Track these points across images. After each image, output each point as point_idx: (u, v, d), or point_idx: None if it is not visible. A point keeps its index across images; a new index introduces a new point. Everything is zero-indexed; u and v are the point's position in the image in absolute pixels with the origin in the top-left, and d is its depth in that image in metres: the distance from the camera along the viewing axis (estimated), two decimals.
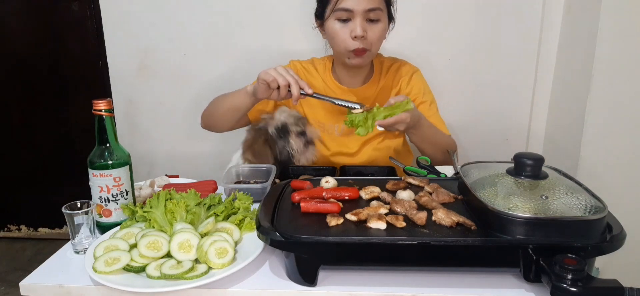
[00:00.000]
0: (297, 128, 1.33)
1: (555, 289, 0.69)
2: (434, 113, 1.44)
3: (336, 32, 1.30)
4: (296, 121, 1.34)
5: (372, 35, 1.28)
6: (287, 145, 1.32)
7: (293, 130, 1.32)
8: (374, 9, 1.26)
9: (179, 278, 0.78)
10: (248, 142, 1.37)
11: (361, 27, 1.26)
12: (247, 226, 0.95)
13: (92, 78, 2.33)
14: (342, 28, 1.29)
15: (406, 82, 1.44)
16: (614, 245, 0.75)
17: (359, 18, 1.26)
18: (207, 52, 2.05)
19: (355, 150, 1.46)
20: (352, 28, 1.26)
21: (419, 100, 1.44)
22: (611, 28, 1.56)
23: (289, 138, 1.32)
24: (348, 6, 1.25)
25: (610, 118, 1.63)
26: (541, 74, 1.94)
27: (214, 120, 1.44)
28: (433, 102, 1.47)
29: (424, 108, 1.43)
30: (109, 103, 0.97)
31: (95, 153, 0.97)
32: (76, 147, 2.55)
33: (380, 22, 1.29)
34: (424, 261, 0.80)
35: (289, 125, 1.32)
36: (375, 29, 1.29)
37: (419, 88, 1.45)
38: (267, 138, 1.34)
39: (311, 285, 0.80)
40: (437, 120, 1.43)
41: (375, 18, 1.28)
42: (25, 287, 0.83)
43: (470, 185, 0.88)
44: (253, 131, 1.38)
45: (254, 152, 1.34)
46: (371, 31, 1.28)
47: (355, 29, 1.26)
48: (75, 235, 0.92)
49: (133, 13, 2.03)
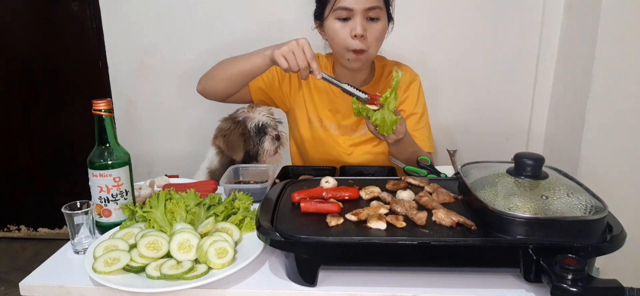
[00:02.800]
0: (274, 132, 1.40)
1: (555, 289, 0.69)
2: (422, 126, 1.43)
3: (336, 31, 1.28)
4: (275, 124, 1.40)
5: (371, 35, 1.27)
6: (259, 144, 1.39)
7: (270, 132, 1.39)
8: (373, 8, 1.25)
9: (178, 278, 0.78)
10: (223, 131, 1.42)
11: (361, 25, 1.25)
12: (247, 226, 0.95)
13: (92, 78, 2.33)
14: (342, 27, 1.28)
15: (403, 89, 1.43)
16: (614, 245, 0.74)
17: (359, 17, 1.25)
18: (207, 52, 2.05)
19: (350, 152, 1.46)
20: (352, 27, 1.25)
21: (410, 111, 1.43)
22: (611, 28, 1.56)
23: (264, 138, 1.39)
24: (348, 5, 1.24)
25: (610, 118, 1.63)
26: (541, 74, 1.95)
27: (215, 83, 1.37)
28: (423, 114, 1.45)
29: (413, 120, 1.42)
30: (108, 103, 0.96)
31: (95, 153, 0.97)
32: (76, 147, 2.55)
33: (380, 20, 1.28)
34: (424, 261, 0.80)
35: (267, 126, 1.39)
36: (375, 28, 1.28)
37: (413, 99, 1.44)
38: (244, 131, 1.40)
39: (311, 285, 0.80)
40: (423, 134, 1.42)
41: (375, 16, 1.27)
42: (25, 287, 0.83)
43: (471, 185, 0.88)
44: (231, 121, 1.43)
45: (227, 142, 1.39)
46: (370, 31, 1.27)
47: (355, 28, 1.25)
48: (75, 235, 0.92)
49: (133, 13, 2.03)
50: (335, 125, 1.45)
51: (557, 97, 1.91)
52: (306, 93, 1.45)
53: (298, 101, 1.47)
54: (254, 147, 1.41)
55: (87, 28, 2.28)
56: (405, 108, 1.43)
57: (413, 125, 1.41)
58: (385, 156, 1.44)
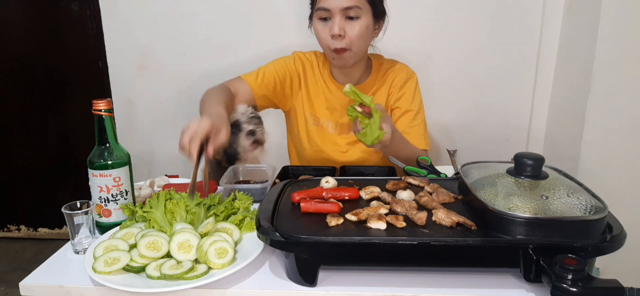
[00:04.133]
0: (248, 127, 1.34)
1: (555, 289, 0.69)
2: (417, 124, 1.43)
3: (318, 31, 1.32)
4: (249, 119, 1.34)
5: (351, 33, 1.28)
6: (235, 142, 1.33)
7: (244, 128, 1.33)
8: (352, 7, 1.26)
9: (178, 278, 0.78)
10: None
11: (339, 25, 1.26)
12: (247, 227, 0.95)
13: (92, 78, 2.33)
14: (322, 27, 1.31)
15: (399, 87, 1.44)
16: (614, 245, 0.74)
17: (338, 17, 1.26)
18: (207, 52, 2.05)
19: (346, 150, 1.46)
20: (330, 26, 1.28)
21: (405, 108, 1.43)
22: (611, 28, 1.56)
23: (239, 135, 1.33)
24: (325, 5, 1.26)
25: (610, 118, 1.63)
26: (541, 74, 1.95)
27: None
28: (419, 112, 1.45)
29: (407, 117, 1.43)
30: (108, 103, 0.96)
31: (95, 153, 0.97)
32: (76, 147, 2.55)
33: (359, 19, 1.28)
34: (424, 261, 0.80)
35: (241, 122, 1.33)
36: (355, 26, 1.28)
37: (408, 96, 1.44)
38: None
39: (311, 285, 0.80)
40: (418, 131, 1.42)
41: (354, 16, 1.28)
42: (25, 287, 0.83)
43: (471, 185, 0.88)
44: None
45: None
46: (350, 29, 1.28)
47: (333, 28, 1.27)
48: (75, 235, 0.92)
49: (133, 13, 2.03)
50: (332, 123, 1.46)
51: (557, 97, 1.91)
52: (304, 93, 1.46)
53: (297, 100, 1.48)
54: (230, 147, 1.34)
55: (87, 28, 2.28)
56: (401, 105, 1.44)
57: (408, 122, 1.42)
58: (378, 155, 1.45)
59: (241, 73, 1.45)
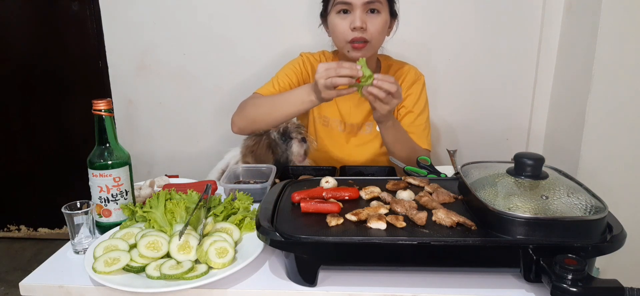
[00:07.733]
0: (299, 136, 1.38)
1: (555, 289, 0.69)
2: (420, 123, 1.45)
3: (336, 25, 1.32)
4: (297, 128, 1.38)
5: (372, 27, 1.29)
6: (288, 150, 1.36)
7: (295, 136, 1.37)
8: (373, 1, 1.28)
9: (178, 278, 0.78)
10: (250, 147, 1.38)
11: (360, 18, 1.28)
12: (247, 227, 0.95)
13: (92, 78, 2.33)
14: (341, 20, 1.31)
15: (406, 88, 1.46)
16: (614, 245, 0.75)
17: (359, 10, 1.28)
18: (207, 52, 2.05)
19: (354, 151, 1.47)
20: (351, 20, 1.29)
21: (408, 108, 1.45)
22: (611, 28, 1.56)
23: (291, 143, 1.37)
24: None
25: (610, 118, 1.62)
26: (541, 74, 1.94)
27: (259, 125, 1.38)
28: (422, 114, 1.46)
29: (409, 118, 1.44)
30: (108, 103, 0.96)
31: (95, 153, 0.97)
32: (76, 147, 2.55)
33: (381, 13, 1.31)
34: (424, 261, 0.80)
35: (290, 131, 1.37)
36: (376, 20, 1.30)
37: (414, 97, 1.46)
38: (270, 142, 1.37)
39: (311, 285, 0.80)
40: (420, 130, 1.44)
41: (376, 9, 1.29)
42: (25, 287, 0.83)
43: (471, 185, 0.88)
44: (255, 136, 1.40)
45: (256, 156, 1.37)
46: (371, 23, 1.29)
47: (354, 21, 1.28)
48: (75, 235, 0.92)
49: (133, 13, 2.03)
50: (341, 123, 1.47)
51: (557, 97, 1.91)
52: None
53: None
54: (282, 154, 1.38)
55: (87, 28, 2.28)
56: (406, 104, 1.46)
57: (411, 121, 1.44)
58: (386, 156, 1.45)
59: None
